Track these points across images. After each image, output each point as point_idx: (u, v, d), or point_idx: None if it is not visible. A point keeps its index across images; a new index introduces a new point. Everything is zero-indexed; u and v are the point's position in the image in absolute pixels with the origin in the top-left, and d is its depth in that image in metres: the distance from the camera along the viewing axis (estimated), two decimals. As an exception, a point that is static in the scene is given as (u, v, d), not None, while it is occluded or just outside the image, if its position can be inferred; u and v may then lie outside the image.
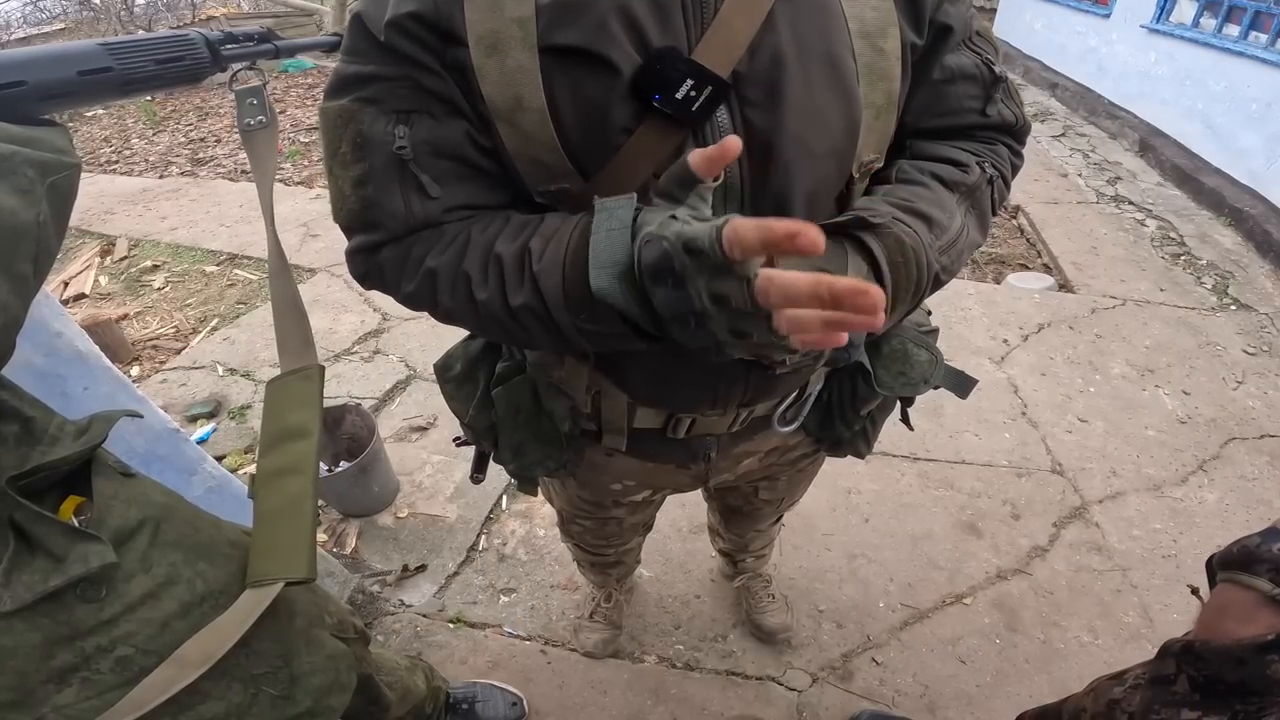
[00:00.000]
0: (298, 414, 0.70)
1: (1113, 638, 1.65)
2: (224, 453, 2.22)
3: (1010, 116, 0.69)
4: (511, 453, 0.85)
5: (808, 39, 0.56)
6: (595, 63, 0.53)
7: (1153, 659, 0.80)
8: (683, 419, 0.79)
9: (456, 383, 0.85)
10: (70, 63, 0.59)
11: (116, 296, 3.33)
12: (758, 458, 0.94)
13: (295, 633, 0.73)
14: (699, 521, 1.92)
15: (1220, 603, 0.72)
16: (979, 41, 0.67)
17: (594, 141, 0.56)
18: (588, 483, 0.99)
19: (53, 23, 9.04)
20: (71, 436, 0.60)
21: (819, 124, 0.58)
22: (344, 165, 0.59)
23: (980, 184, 0.67)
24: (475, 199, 0.61)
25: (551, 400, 0.78)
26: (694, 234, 0.43)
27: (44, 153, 0.53)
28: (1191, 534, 1.90)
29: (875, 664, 1.60)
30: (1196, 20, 4.47)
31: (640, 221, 0.48)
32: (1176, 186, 4.11)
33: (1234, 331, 2.76)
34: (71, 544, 0.54)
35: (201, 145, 5.47)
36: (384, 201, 0.58)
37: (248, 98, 0.76)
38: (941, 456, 2.16)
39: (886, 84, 0.61)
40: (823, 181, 0.61)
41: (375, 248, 0.61)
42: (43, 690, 0.54)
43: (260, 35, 0.77)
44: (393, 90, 0.56)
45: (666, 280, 0.44)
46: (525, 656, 1.63)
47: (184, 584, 0.63)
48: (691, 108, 0.53)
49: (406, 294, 0.62)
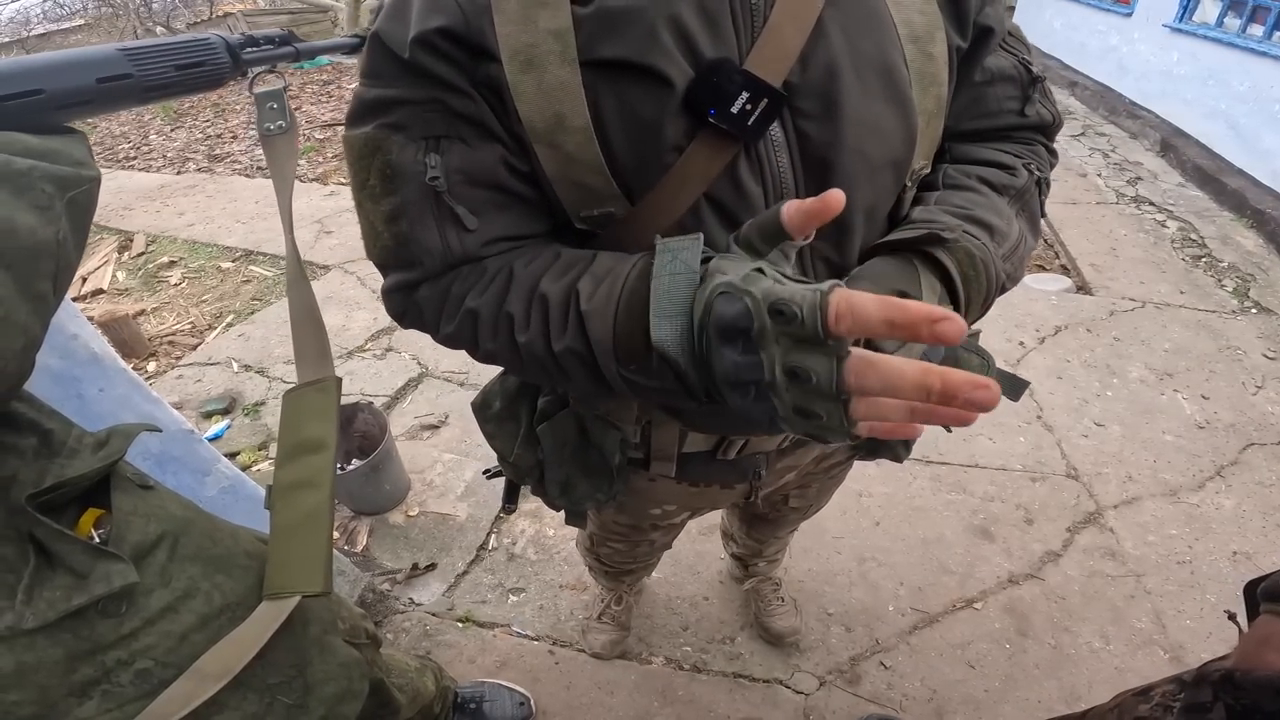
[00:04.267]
0: (314, 427, 0.70)
1: (1125, 644, 1.63)
2: (237, 449, 2.25)
3: (1048, 116, 0.68)
4: (560, 488, 0.80)
5: (861, 46, 0.53)
6: (645, 76, 0.50)
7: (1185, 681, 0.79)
8: (735, 440, 0.76)
9: (498, 421, 0.81)
10: (89, 69, 0.57)
11: (134, 292, 3.37)
12: (798, 471, 0.92)
13: (309, 641, 0.74)
14: (708, 523, 1.92)
15: (1263, 634, 0.71)
16: (1013, 42, 0.65)
17: (644, 161, 0.52)
18: (627, 508, 0.95)
19: (72, 19, 9.10)
20: (90, 449, 0.60)
21: (877, 135, 0.55)
22: (374, 199, 0.55)
23: (1029, 186, 0.65)
24: (515, 229, 0.57)
25: (600, 434, 0.74)
26: (788, 296, 0.37)
27: (63, 166, 0.52)
28: (1207, 540, 1.88)
29: (883, 668, 1.60)
30: (1220, 20, 4.39)
31: (713, 269, 0.43)
32: (1198, 187, 4.04)
33: (1255, 335, 2.71)
34: (94, 562, 0.54)
35: (218, 141, 5.51)
36: (420, 237, 0.55)
37: (268, 102, 0.74)
38: (954, 460, 2.14)
39: (937, 89, 0.59)
40: (881, 194, 0.59)
41: (413, 286, 0.58)
42: (64, 704, 0.54)
43: (281, 38, 0.74)
44: (420, 115, 0.52)
45: (737, 342, 0.40)
46: (533, 656, 1.64)
47: (202, 597, 0.64)
48: (747, 121, 0.50)
49: (446, 335, 0.58)
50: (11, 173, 0.48)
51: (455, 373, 2.56)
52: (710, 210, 0.55)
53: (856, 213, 0.57)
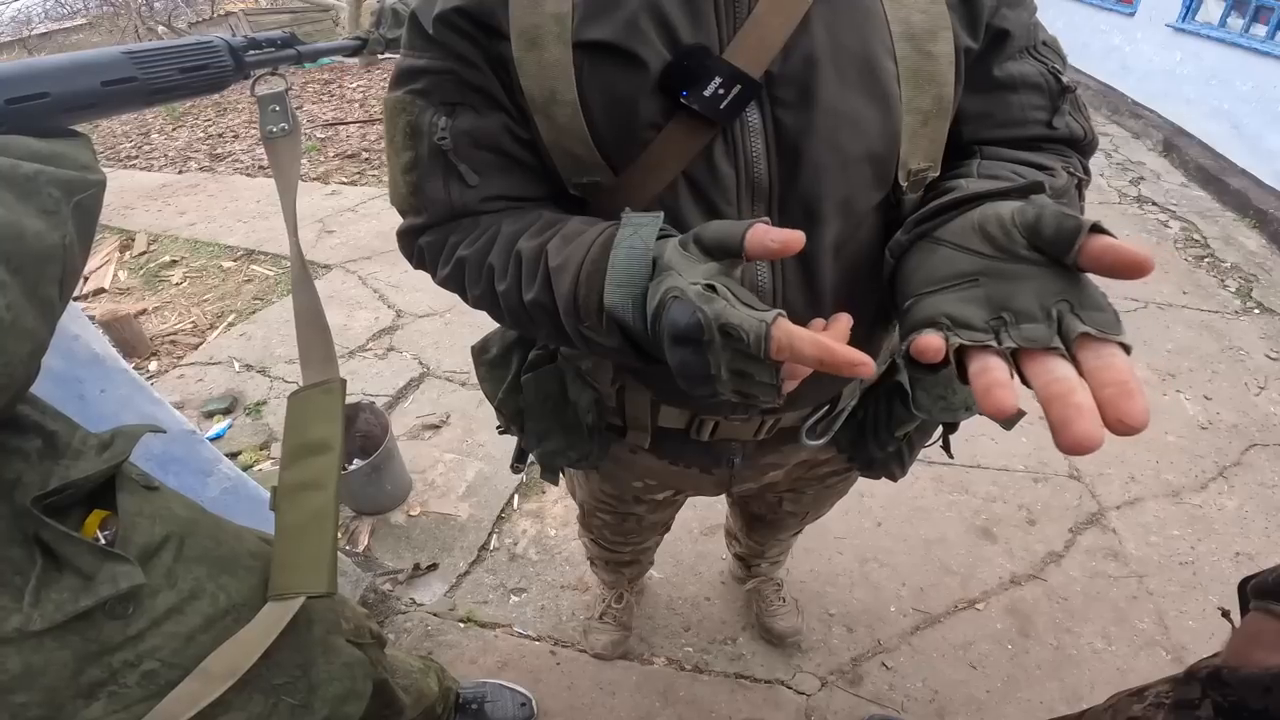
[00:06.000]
0: (319, 428, 0.71)
1: (1127, 645, 1.63)
2: (239, 449, 2.25)
3: (1079, 130, 0.66)
4: (536, 439, 0.86)
5: (843, 40, 0.55)
6: (624, 58, 0.54)
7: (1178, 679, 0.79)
8: (706, 420, 0.78)
9: (490, 365, 0.86)
10: (94, 72, 0.58)
11: (135, 291, 3.37)
12: (784, 470, 0.93)
13: (314, 641, 0.74)
14: (711, 523, 1.92)
15: (1252, 631, 0.71)
16: (1045, 51, 0.64)
17: (622, 136, 0.57)
18: (611, 477, 1.00)
19: (74, 18, 9.10)
20: (94, 450, 0.60)
21: (851, 127, 0.56)
22: (396, 152, 0.62)
23: (1069, 187, 0.64)
24: (513, 190, 0.63)
25: (578, 391, 0.79)
26: (737, 323, 0.42)
27: (69, 170, 0.52)
28: (1210, 541, 1.88)
29: (885, 668, 1.60)
30: (1224, 20, 4.38)
31: (669, 262, 0.47)
32: (1201, 187, 4.03)
33: (1257, 336, 2.71)
34: (100, 563, 0.55)
35: (220, 141, 5.52)
36: (427, 188, 0.62)
37: (270, 104, 0.75)
38: (957, 460, 2.12)
39: (936, 88, 0.58)
40: (858, 188, 0.59)
41: (419, 231, 0.65)
42: (71, 705, 0.55)
43: (283, 40, 0.75)
44: (440, 83, 0.59)
45: (688, 345, 0.44)
46: (535, 657, 1.64)
47: (207, 598, 0.64)
48: (720, 105, 0.53)
49: (443, 276, 0.65)
50: (18, 177, 0.48)
51: (457, 372, 2.57)
52: (686, 188, 0.59)
53: (827, 202, 0.58)
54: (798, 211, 0.59)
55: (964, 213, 0.48)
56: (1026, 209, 0.43)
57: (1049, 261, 0.42)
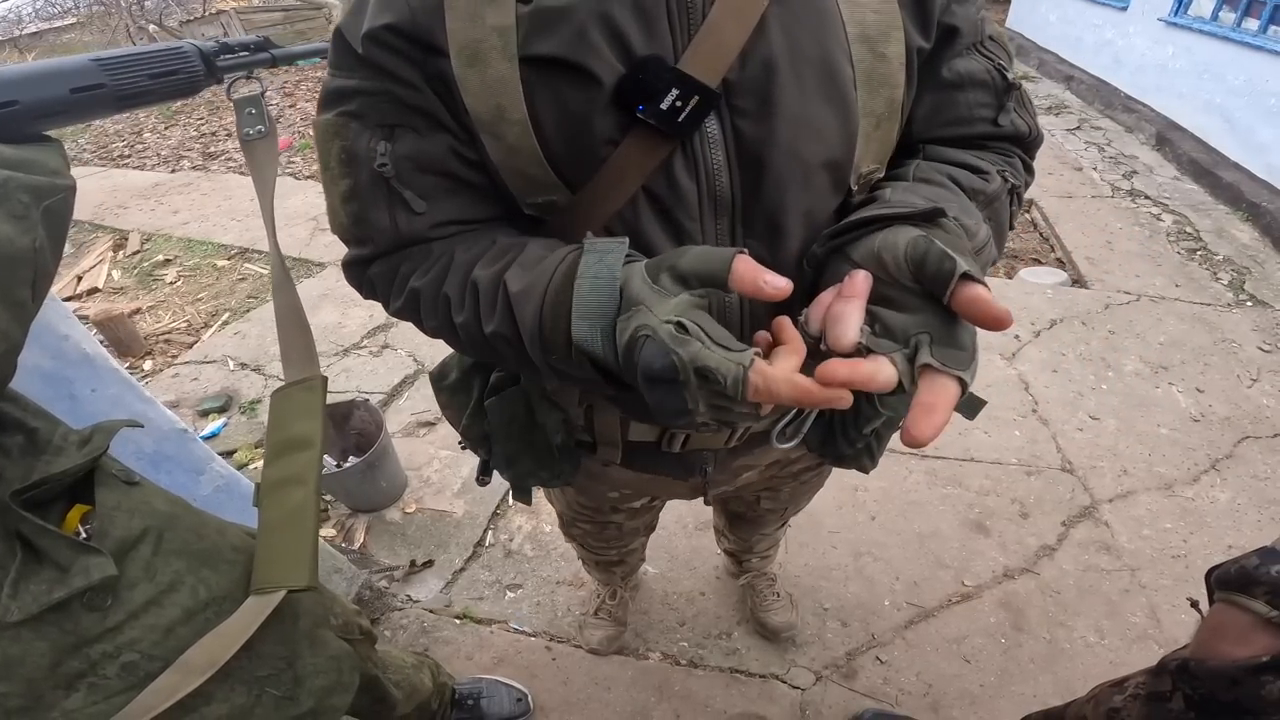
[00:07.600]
0: (301, 425, 0.71)
1: (1119, 638, 1.64)
2: (235, 447, 2.25)
3: (1024, 127, 0.65)
4: (505, 462, 0.84)
5: (801, 44, 0.53)
6: (575, 73, 0.51)
7: (1151, 672, 0.80)
8: (677, 434, 0.77)
9: (450, 391, 0.84)
10: (62, 80, 0.59)
11: (129, 291, 3.36)
12: (757, 471, 0.93)
13: (300, 634, 0.74)
14: (704, 518, 1.93)
15: (1217, 623, 0.72)
16: (991, 46, 0.63)
17: (578, 154, 0.54)
18: (585, 490, 0.98)
19: (64, 17, 9.06)
20: (75, 446, 0.61)
21: (813, 134, 0.55)
22: (333, 180, 0.59)
23: (1000, 193, 0.63)
24: (464, 213, 0.60)
25: (545, 413, 0.77)
26: (714, 366, 0.41)
27: (38, 176, 0.53)
28: (1202, 534, 1.88)
29: (879, 663, 1.60)
30: (1215, 14, 4.38)
31: (637, 295, 0.46)
32: (1193, 181, 4.04)
33: (1249, 328, 2.72)
34: (75, 556, 0.55)
35: (213, 139, 5.51)
36: (371, 218, 0.58)
37: (246, 107, 0.75)
38: (950, 454, 2.15)
39: (889, 91, 0.57)
40: (819, 196, 0.58)
41: (366, 262, 0.62)
42: (51, 696, 0.55)
43: (256, 44, 0.76)
44: (375, 105, 0.55)
45: (663, 385, 0.43)
46: (530, 652, 1.65)
47: (187, 590, 0.64)
48: (678, 118, 0.51)
49: (396, 309, 0.62)
50: None
51: (451, 370, 2.56)
52: (646, 203, 0.56)
53: (790, 213, 0.57)
54: (761, 225, 0.57)
55: (872, 232, 0.50)
56: (919, 244, 0.44)
57: (930, 296, 0.44)
